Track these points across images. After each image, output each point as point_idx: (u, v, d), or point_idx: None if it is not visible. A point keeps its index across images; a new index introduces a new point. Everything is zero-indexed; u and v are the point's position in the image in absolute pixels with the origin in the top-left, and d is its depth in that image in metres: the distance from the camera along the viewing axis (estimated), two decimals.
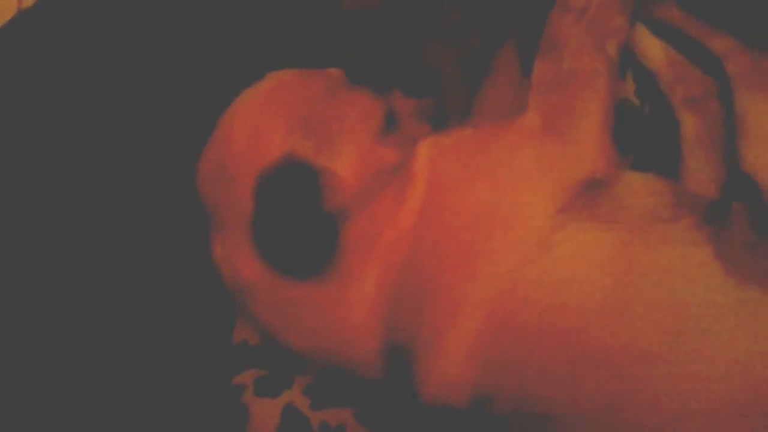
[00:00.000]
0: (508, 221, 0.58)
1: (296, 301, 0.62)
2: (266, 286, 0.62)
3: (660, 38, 0.72)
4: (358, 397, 0.69)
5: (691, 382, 0.52)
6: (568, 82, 0.64)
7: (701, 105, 0.70)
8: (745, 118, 0.61)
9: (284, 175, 0.59)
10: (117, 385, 0.69)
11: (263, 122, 0.63)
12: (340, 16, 0.76)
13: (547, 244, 0.57)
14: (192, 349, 0.72)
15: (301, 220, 0.59)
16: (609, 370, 0.53)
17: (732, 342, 0.52)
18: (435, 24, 0.75)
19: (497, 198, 0.59)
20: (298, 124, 0.63)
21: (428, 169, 0.62)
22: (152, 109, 0.74)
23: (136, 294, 0.72)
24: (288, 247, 0.60)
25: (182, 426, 0.69)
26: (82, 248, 0.72)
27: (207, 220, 0.68)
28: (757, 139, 0.60)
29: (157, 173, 0.74)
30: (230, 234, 0.63)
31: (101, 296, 0.71)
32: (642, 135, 0.73)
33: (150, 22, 0.76)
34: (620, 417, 0.53)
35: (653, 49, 0.72)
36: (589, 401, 0.53)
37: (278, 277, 0.61)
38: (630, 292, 0.54)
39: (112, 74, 0.75)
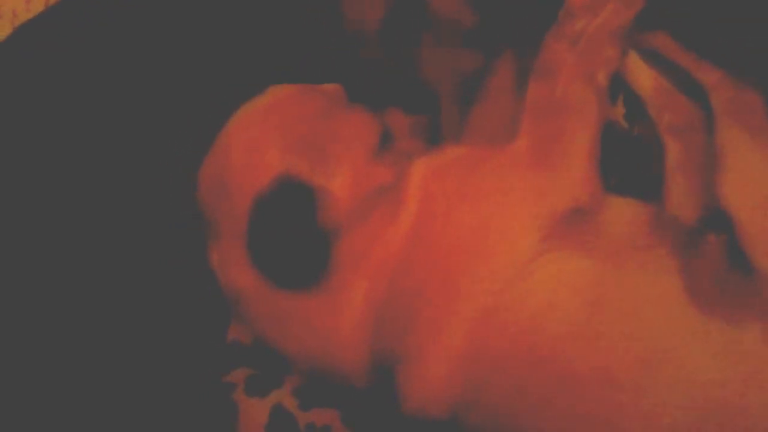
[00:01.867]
0: (494, 246, 0.61)
1: (288, 310, 0.65)
2: (259, 295, 0.65)
3: (651, 65, 0.75)
4: (346, 400, 0.72)
5: (653, 407, 0.55)
6: (558, 110, 0.67)
7: (686, 133, 0.72)
8: (723, 152, 0.63)
9: (280, 195, 0.62)
10: (108, 380, 0.72)
11: (261, 138, 0.66)
12: (340, 32, 0.78)
13: (529, 270, 0.60)
14: (185, 346, 0.75)
15: (295, 236, 0.62)
16: (578, 394, 0.56)
17: (693, 370, 0.55)
18: (432, 41, 0.77)
19: (484, 223, 0.62)
20: (295, 142, 0.65)
21: (420, 190, 0.64)
22: (158, 115, 0.77)
23: (132, 291, 0.75)
24: (282, 261, 0.63)
25: (173, 421, 0.72)
26: (81, 245, 0.75)
27: (205, 223, 0.70)
28: (733, 175, 0.62)
29: (158, 175, 0.77)
30: (226, 244, 0.66)
31: (96, 293, 0.74)
32: (629, 158, 0.76)
33: (155, 30, 0.78)
34: None
35: (643, 76, 0.74)
36: (559, 422, 0.57)
37: (271, 287, 0.64)
38: (602, 320, 0.57)
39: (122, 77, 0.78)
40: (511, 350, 0.59)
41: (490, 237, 0.62)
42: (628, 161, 0.75)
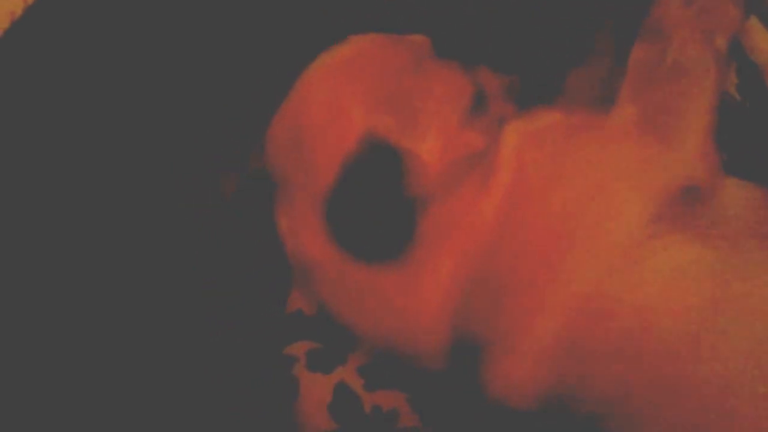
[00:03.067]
0: (597, 225, 0.55)
1: (364, 284, 0.59)
2: (333, 266, 0.59)
3: None
4: (415, 382, 0.67)
5: None
6: (671, 76, 0.60)
7: None
8: None
9: (367, 156, 0.56)
10: (160, 351, 0.67)
11: (343, 93, 0.59)
12: None
13: (638, 255, 0.53)
14: (242, 315, 0.70)
15: (379, 204, 0.56)
16: (692, 402, 0.50)
17: None
18: None
19: (587, 199, 0.56)
20: (381, 98, 0.59)
21: (514, 159, 0.58)
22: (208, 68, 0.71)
23: (186, 258, 0.70)
24: (363, 231, 0.57)
25: (232, 392, 0.68)
26: (132, 211, 0.70)
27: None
28: None
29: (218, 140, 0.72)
30: (299, 207, 0.60)
31: (148, 260, 0.69)
32: (740, 133, 0.69)
33: None
34: None
35: (763, 44, 0.67)
36: (667, 430, 0.51)
37: (347, 258, 0.58)
38: (724, 318, 0.51)
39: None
40: (615, 345, 0.52)
41: (593, 216, 0.55)
42: (739, 138, 0.68)
